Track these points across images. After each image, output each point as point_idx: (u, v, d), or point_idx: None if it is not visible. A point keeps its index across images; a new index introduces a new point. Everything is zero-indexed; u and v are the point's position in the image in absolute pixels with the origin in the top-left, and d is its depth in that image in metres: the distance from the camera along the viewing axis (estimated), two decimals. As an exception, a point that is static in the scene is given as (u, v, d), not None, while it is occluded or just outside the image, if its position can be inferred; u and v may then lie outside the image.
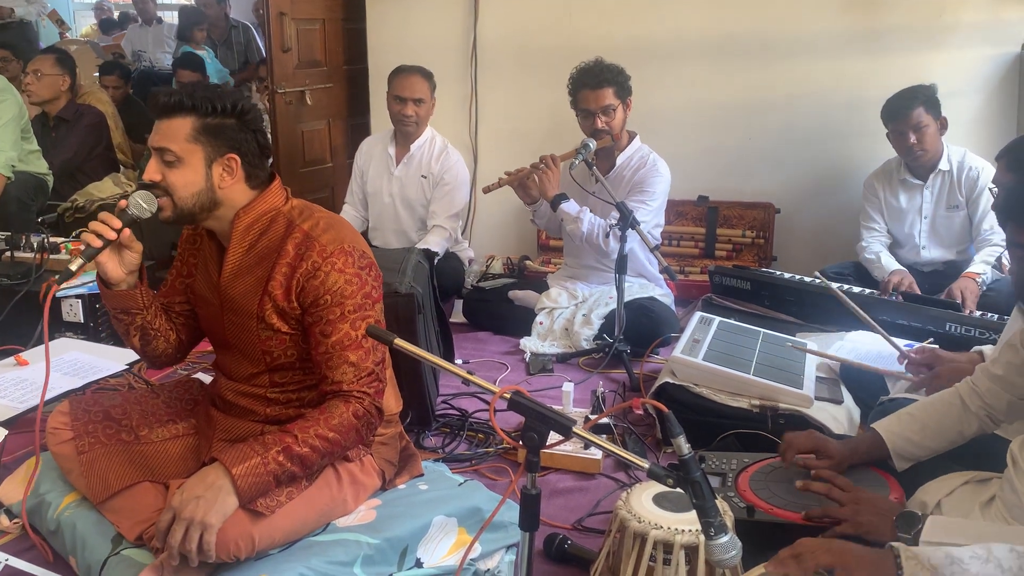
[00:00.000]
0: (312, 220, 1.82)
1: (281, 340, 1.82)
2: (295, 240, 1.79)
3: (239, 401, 1.93)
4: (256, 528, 1.65)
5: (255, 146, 1.82)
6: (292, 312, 1.79)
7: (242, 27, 7.11)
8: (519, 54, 4.27)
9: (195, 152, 1.76)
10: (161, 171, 1.77)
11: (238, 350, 1.90)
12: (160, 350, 1.98)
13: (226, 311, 1.87)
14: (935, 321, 2.88)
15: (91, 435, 1.91)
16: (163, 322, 1.96)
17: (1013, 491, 1.56)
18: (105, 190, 4.12)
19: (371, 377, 1.77)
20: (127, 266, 1.84)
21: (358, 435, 1.75)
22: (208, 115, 1.76)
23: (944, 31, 3.79)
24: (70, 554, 1.89)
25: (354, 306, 1.76)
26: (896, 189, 3.51)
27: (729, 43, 4.01)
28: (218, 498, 1.59)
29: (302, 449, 1.66)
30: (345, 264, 1.76)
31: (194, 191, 1.77)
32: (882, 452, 1.84)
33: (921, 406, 1.87)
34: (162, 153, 1.76)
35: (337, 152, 4.97)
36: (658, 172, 3.31)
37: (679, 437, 1.27)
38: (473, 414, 2.71)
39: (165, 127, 1.77)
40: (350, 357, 1.75)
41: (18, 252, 3.35)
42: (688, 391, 2.55)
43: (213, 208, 1.81)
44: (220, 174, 1.78)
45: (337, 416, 1.71)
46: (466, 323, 3.66)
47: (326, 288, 1.75)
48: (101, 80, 5.64)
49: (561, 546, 1.99)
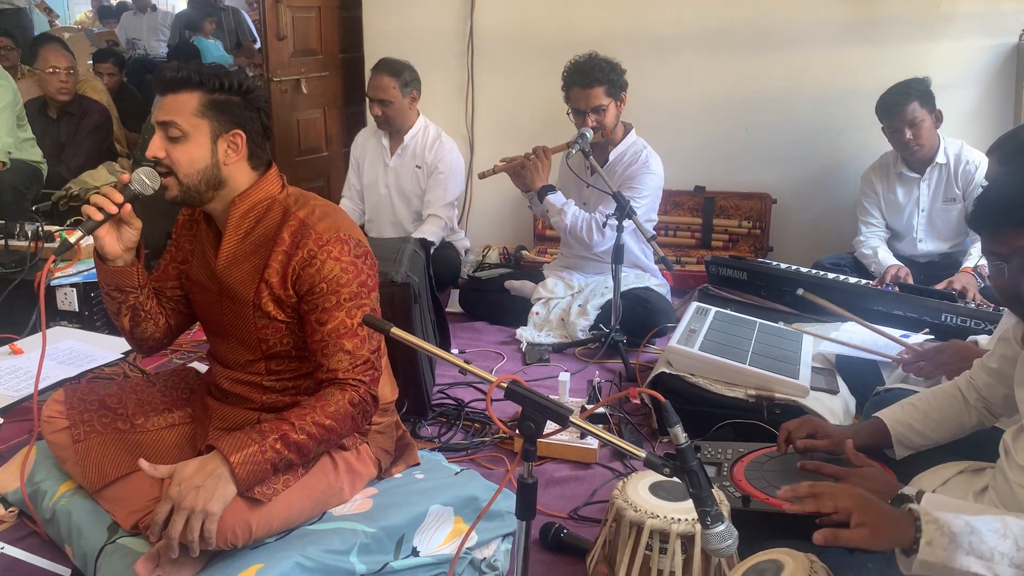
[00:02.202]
0: (308, 208, 1.81)
1: (277, 328, 1.82)
2: (291, 228, 1.78)
3: (235, 389, 1.92)
4: (253, 516, 1.64)
5: (259, 125, 1.82)
6: (288, 300, 1.79)
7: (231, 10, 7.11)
8: (516, 43, 4.26)
9: (201, 127, 1.75)
10: (165, 148, 1.76)
11: (234, 337, 1.89)
12: (148, 333, 1.97)
13: (224, 298, 1.86)
14: (931, 312, 2.88)
15: (87, 424, 1.90)
16: (154, 305, 1.96)
17: (1005, 480, 1.56)
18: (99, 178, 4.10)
19: (366, 365, 1.77)
20: (125, 242, 1.83)
21: (354, 423, 1.75)
22: (215, 91, 1.76)
23: (941, 21, 3.79)
24: (66, 542, 1.89)
25: (350, 294, 1.76)
26: (893, 183, 3.51)
27: (727, 34, 4.00)
28: (218, 486, 1.59)
29: (299, 436, 1.66)
30: (341, 252, 1.75)
31: (200, 167, 1.76)
32: (884, 439, 1.84)
33: (923, 397, 1.88)
34: (167, 128, 1.75)
35: (332, 141, 4.96)
36: (649, 170, 3.28)
37: (675, 426, 1.27)
38: (469, 403, 2.71)
39: (171, 102, 1.76)
40: (346, 345, 1.75)
41: (12, 241, 3.33)
42: (684, 381, 2.55)
43: (218, 187, 1.79)
44: (225, 150, 1.78)
45: (333, 404, 1.71)
46: (462, 313, 3.65)
47: (322, 276, 1.74)
48: (95, 68, 5.62)
49: (557, 535, 1.99)
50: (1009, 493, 1.55)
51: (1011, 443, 1.60)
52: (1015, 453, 1.56)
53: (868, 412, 2.25)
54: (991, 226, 1.51)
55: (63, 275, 3.12)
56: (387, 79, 3.66)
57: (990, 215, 1.50)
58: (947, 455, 1.82)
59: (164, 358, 3.13)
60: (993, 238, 1.50)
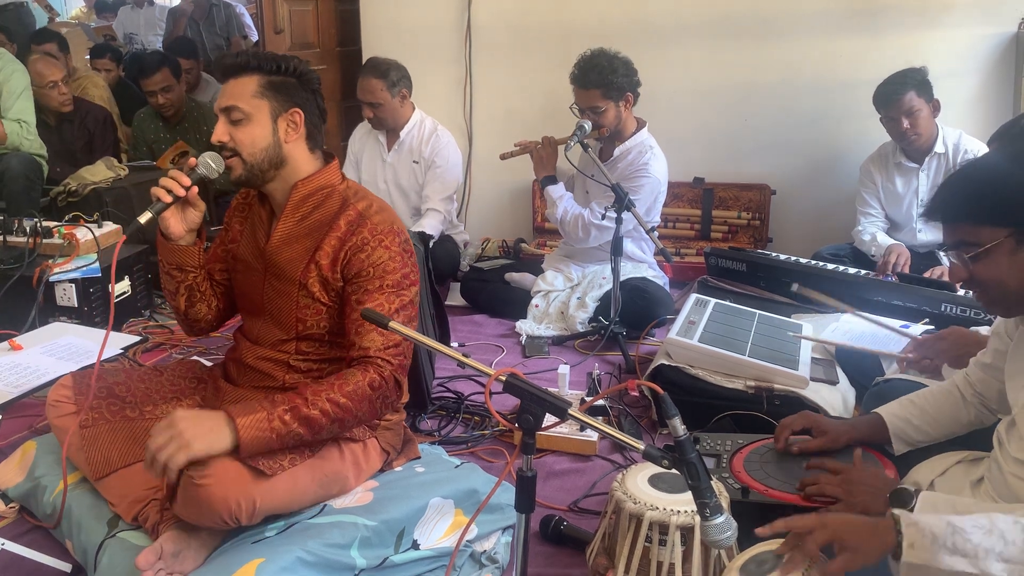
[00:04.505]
0: (366, 201, 1.90)
1: (318, 310, 1.88)
2: (348, 217, 1.86)
3: (260, 365, 1.96)
4: (257, 490, 1.65)
5: (315, 106, 1.91)
6: (335, 283, 1.85)
7: (222, 4, 7.08)
8: (514, 35, 4.25)
9: (262, 107, 1.84)
10: (228, 131, 1.85)
11: (271, 316, 1.95)
12: (202, 314, 2.06)
13: (269, 276, 1.92)
14: (931, 302, 2.88)
15: (95, 410, 1.92)
16: (208, 287, 2.05)
17: (999, 471, 1.57)
18: (98, 174, 4.08)
19: (398, 349, 1.81)
20: (189, 223, 1.93)
21: (371, 406, 1.77)
22: (273, 73, 1.85)
23: (940, 10, 3.77)
24: (67, 537, 1.90)
25: (393, 282, 1.83)
26: (892, 173, 3.51)
27: (725, 24, 3.99)
28: (212, 431, 1.62)
29: (310, 411, 1.68)
30: (392, 243, 1.84)
31: (262, 146, 1.85)
32: (882, 434, 1.84)
33: (922, 394, 1.88)
34: (229, 112, 1.84)
35: (330, 135, 4.95)
36: (647, 173, 3.23)
37: (675, 418, 1.27)
38: (469, 397, 2.72)
39: (232, 87, 1.85)
40: None
41: (10, 236, 3.33)
42: (684, 373, 2.55)
43: (280, 165, 1.88)
44: (286, 128, 1.86)
45: (352, 383, 1.74)
46: (462, 306, 3.65)
47: (371, 262, 1.82)
48: (92, 63, 5.59)
49: (557, 527, 2.00)
50: (1003, 483, 1.55)
51: (1004, 434, 1.60)
52: (1008, 444, 1.56)
53: (868, 403, 2.25)
54: (952, 220, 1.50)
55: (61, 271, 3.12)
56: (374, 81, 3.64)
57: (970, 201, 1.48)
58: (945, 445, 1.82)
59: (164, 353, 3.13)
60: (972, 229, 1.48)
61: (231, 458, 1.63)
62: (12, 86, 4.05)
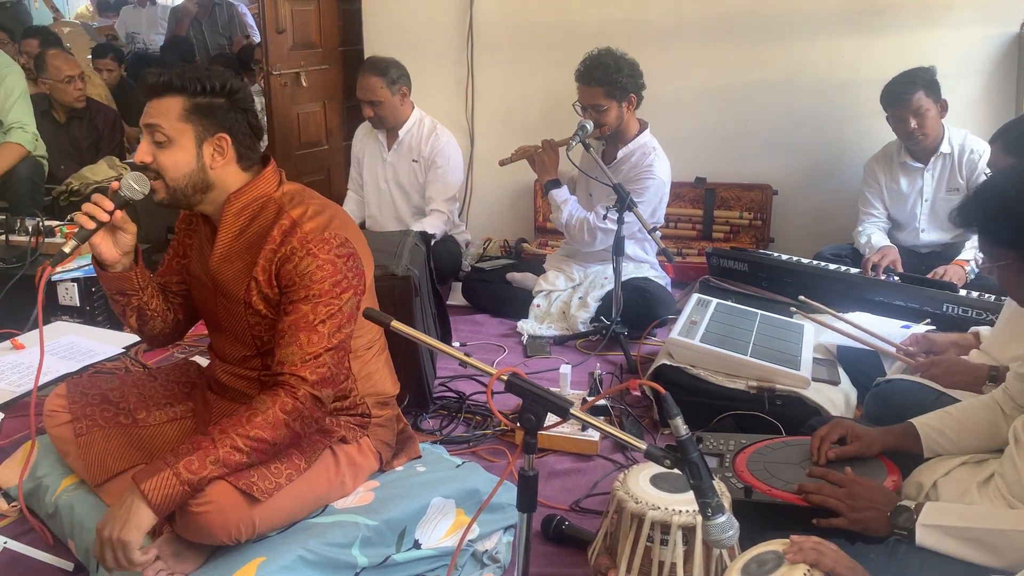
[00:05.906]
0: (302, 207, 1.79)
1: (271, 324, 1.80)
2: (282, 227, 1.76)
3: (234, 384, 1.92)
4: (256, 512, 1.65)
5: (246, 126, 1.80)
6: (274, 297, 1.78)
7: (225, 4, 7.08)
8: (516, 35, 4.24)
9: (185, 132, 1.74)
10: (152, 152, 1.75)
11: (230, 333, 1.89)
12: (158, 330, 1.98)
13: (218, 295, 1.86)
14: (932, 302, 2.88)
15: (89, 418, 1.91)
16: (160, 303, 1.96)
17: (1014, 468, 1.56)
18: (100, 173, 4.09)
19: (316, 362, 1.71)
20: (121, 247, 1.82)
21: (289, 430, 1.68)
22: (197, 95, 1.74)
23: (942, 10, 3.77)
24: (68, 537, 1.90)
25: (319, 291, 1.72)
26: (896, 173, 3.50)
27: (727, 24, 3.99)
28: (130, 514, 1.56)
29: (220, 451, 1.61)
30: (320, 250, 1.73)
31: (185, 171, 1.75)
32: (914, 443, 1.82)
33: (960, 407, 1.86)
34: (152, 132, 1.75)
35: (332, 134, 4.95)
36: (652, 175, 3.22)
37: (676, 418, 1.27)
38: (471, 396, 2.72)
39: (155, 106, 1.75)
40: (300, 338, 1.71)
41: (13, 236, 3.33)
42: (685, 372, 2.55)
43: (206, 190, 1.79)
44: (211, 154, 1.76)
45: (261, 413, 1.65)
46: (464, 306, 3.65)
47: (298, 272, 1.73)
48: (95, 63, 5.60)
49: (559, 527, 2.00)
50: (1017, 481, 1.55)
51: (1021, 431, 1.59)
52: None
53: (869, 403, 2.25)
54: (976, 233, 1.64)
55: (64, 270, 3.12)
56: (373, 79, 3.63)
57: (980, 220, 1.62)
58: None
59: (166, 351, 3.13)
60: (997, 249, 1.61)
61: (226, 481, 1.61)
62: (8, 87, 4.04)
